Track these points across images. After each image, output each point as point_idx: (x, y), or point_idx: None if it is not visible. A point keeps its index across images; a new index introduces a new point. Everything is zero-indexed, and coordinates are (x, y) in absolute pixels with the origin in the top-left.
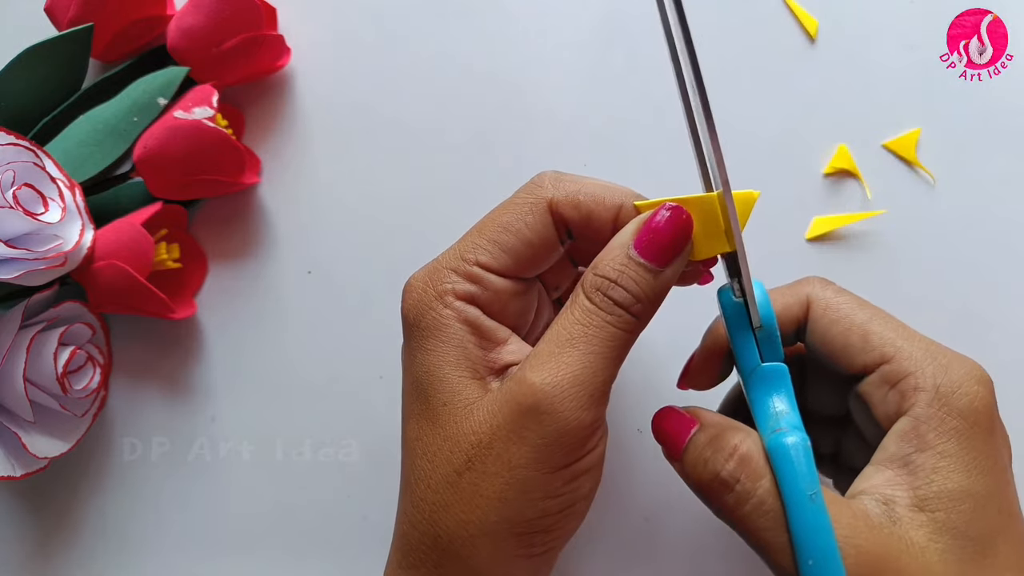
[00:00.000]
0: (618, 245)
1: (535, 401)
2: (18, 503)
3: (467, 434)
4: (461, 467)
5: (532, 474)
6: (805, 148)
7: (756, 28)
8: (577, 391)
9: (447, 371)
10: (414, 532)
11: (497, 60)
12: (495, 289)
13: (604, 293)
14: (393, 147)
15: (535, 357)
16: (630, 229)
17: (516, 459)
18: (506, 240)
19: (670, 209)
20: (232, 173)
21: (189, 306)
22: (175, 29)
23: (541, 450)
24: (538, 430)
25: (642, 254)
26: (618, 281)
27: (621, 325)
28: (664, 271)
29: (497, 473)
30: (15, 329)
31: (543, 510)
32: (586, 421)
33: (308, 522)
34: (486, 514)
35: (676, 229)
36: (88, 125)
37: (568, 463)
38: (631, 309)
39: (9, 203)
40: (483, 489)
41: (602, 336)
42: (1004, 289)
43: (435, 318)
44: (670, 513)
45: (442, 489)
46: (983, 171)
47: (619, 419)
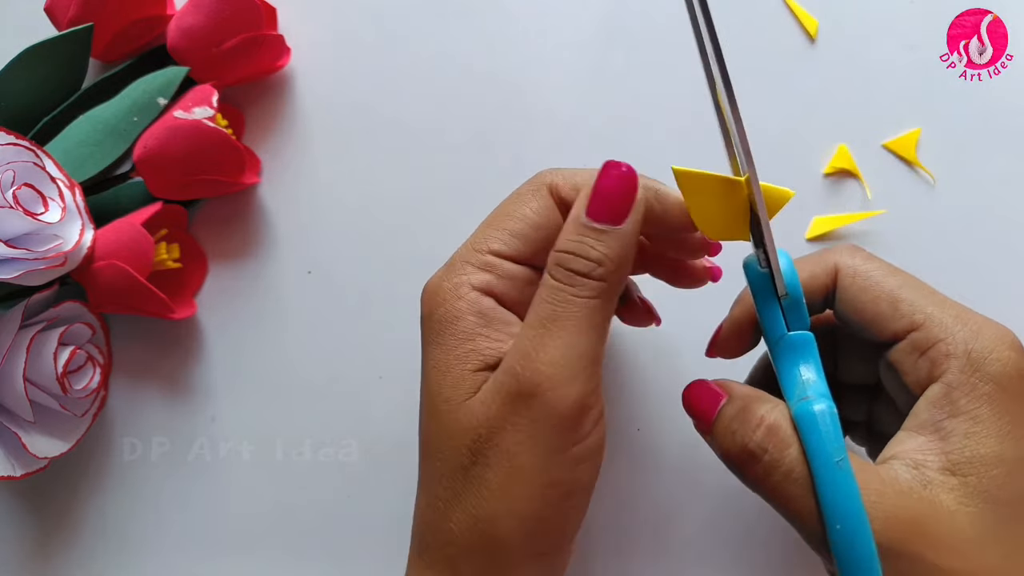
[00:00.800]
0: (571, 219)
1: (519, 386)
2: (18, 503)
3: (467, 429)
4: (466, 462)
5: (531, 461)
6: (805, 148)
7: (756, 28)
8: (559, 369)
9: (453, 365)
10: (428, 531)
11: (497, 60)
12: (510, 276)
13: (565, 267)
14: (393, 147)
15: (516, 344)
16: (580, 201)
17: (513, 447)
18: (514, 226)
19: (605, 165)
20: (232, 173)
21: (189, 306)
22: (175, 29)
23: (535, 435)
24: (529, 414)
25: (595, 219)
26: (576, 252)
27: (588, 294)
28: (621, 228)
29: (498, 464)
30: (15, 329)
31: (545, 499)
32: (573, 396)
33: (308, 522)
34: (493, 506)
35: (620, 184)
36: (88, 125)
37: (564, 446)
38: (594, 274)
39: (9, 203)
40: (488, 482)
41: (574, 310)
42: (1004, 289)
43: (448, 311)
44: (670, 512)
45: (452, 485)
46: (983, 171)
47: (619, 419)
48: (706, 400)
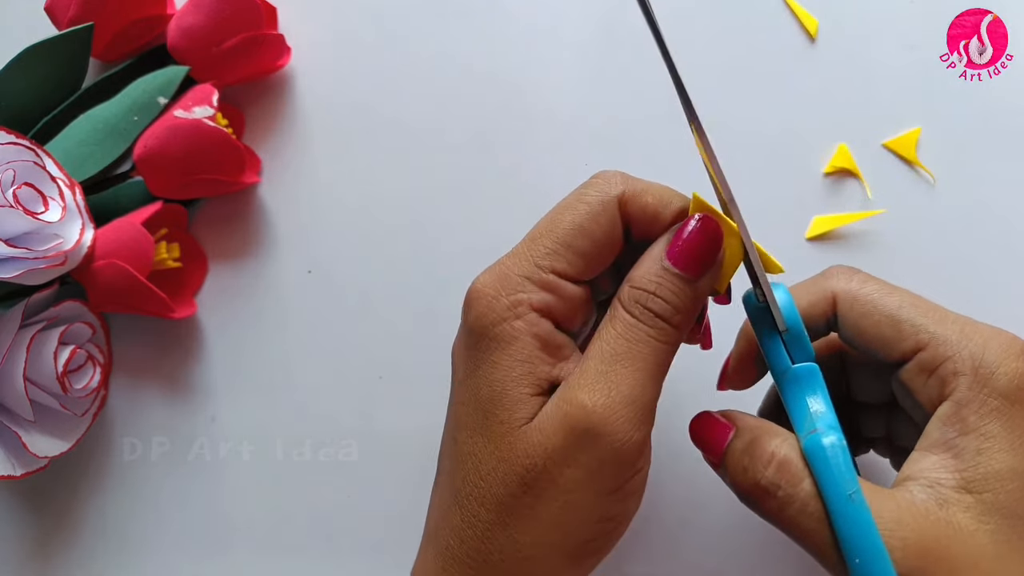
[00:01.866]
0: (652, 257)
1: (589, 424)
2: (18, 503)
3: (522, 456)
4: (517, 490)
5: (587, 498)
6: (805, 148)
7: (756, 28)
8: (629, 411)
9: (510, 387)
10: (462, 547)
11: (497, 60)
12: (569, 297)
13: (644, 305)
14: (393, 147)
15: (583, 375)
16: (662, 241)
17: (571, 483)
18: (580, 243)
19: (700, 219)
20: (232, 173)
21: (189, 306)
22: (175, 28)
23: (595, 474)
24: (592, 453)
25: (675, 264)
26: (656, 292)
27: (663, 338)
28: (698, 281)
29: (553, 498)
30: (15, 328)
31: (596, 532)
32: (638, 440)
33: (308, 522)
34: (542, 537)
35: (706, 237)
36: (88, 124)
37: (620, 485)
38: (672, 320)
39: (9, 202)
40: (539, 512)
41: (647, 351)
42: (1004, 289)
43: (505, 330)
44: (669, 512)
45: (497, 509)
46: (983, 171)
47: None
48: (714, 434)
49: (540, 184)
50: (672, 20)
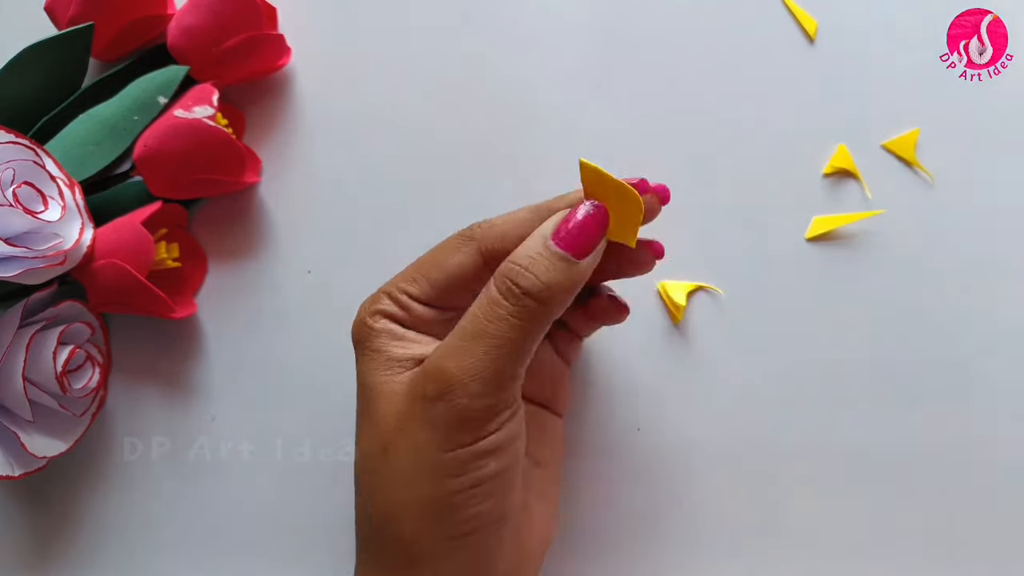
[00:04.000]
0: (537, 234)
1: (436, 390)
2: (17, 503)
3: (385, 422)
4: (380, 452)
5: (435, 453)
6: (805, 148)
7: (755, 29)
8: (475, 383)
9: (373, 370)
10: (361, 524)
11: (498, 60)
12: (418, 315)
13: (513, 280)
14: (393, 147)
15: (442, 348)
16: (551, 222)
17: (420, 440)
18: (435, 275)
19: (593, 206)
20: (232, 172)
21: (189, 306)
22: (175, 28)
23: (440, 430)
24: (437, 413)
25: (559, 244)
26: (529, 268)
27: (525, 316)
28: (579, 263)
29: (406, 455)
30: (14, 328)
31: (448, 488)
32: (482, 407)
33: (308, 522)
34: (400, 494)
35: (595, 224)
36: (88, 124)
37: (470, 442)
38: (540, 296)
39: (9, 201)
40: (397, 470)
41: (504, 328)
42: (1004, 289)
43: (365, 331)
44: (669, 511)
45: (372, 474)
46: (983, 171)
47: (619, 419)
48: None
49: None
50: (672, 20)
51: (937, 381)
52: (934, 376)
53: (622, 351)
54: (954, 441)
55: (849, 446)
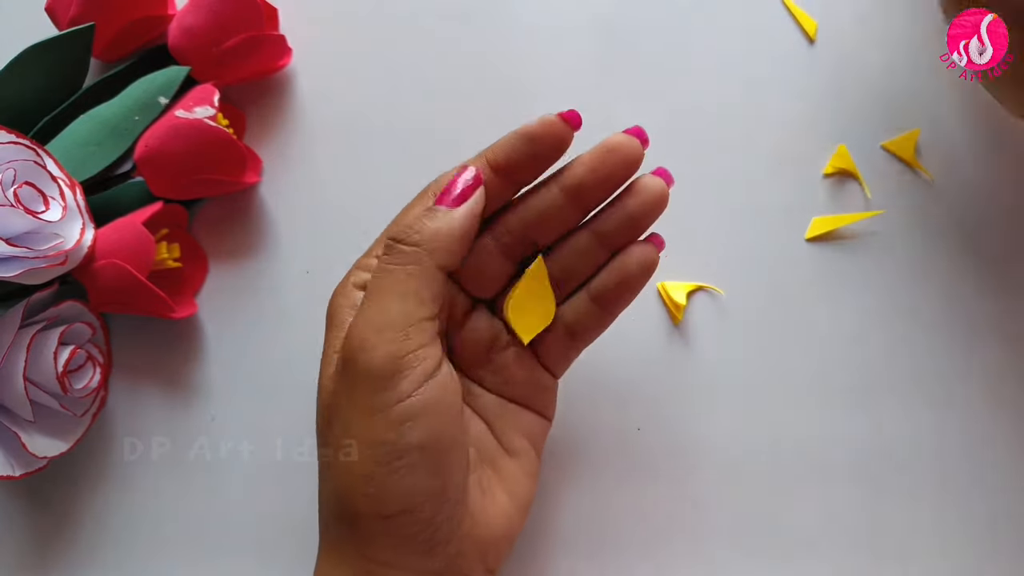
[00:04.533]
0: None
1: (346, 352)
2: (17, 503)
3: (325, 399)
4: (324, 426)
5: (354, 420)
6: (805, 148)
7: (755, 30)
8: (370, 332)
9: (329, 353)
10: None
11: (498, 60)
12: None
13: (391, 238)
14: (393, 147)
15: None
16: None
17: (344, 411)
18: None
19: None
20: (233, 173)
21: (189, 306)
22: (176, 28)
23: (355, 396)
24: (348, 378)
25: (437, 202)
26: (411, 225)
27: (403, 260)
28: (454, 211)
29: (338, 428)
30: (15, 328)
31: (372, 458)
32: (381, 355)
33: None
34: (337, 468)
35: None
36: (89, 124)
37: (384, 406)
38: (407, 240)
39: (10, 201)
40: (331, 442)
41: (387, 279)
42: (1003, 289)
43: (335, 307)
44: (669, 511)
45: (321, 452)
46: (983, 171)
47: (619, 418)
48: None
49: None
50: (671, 21)
51: (937, 381)
52: (934, 376)
53: (622, 351)
54: (955, 440)
55: (849, 446)
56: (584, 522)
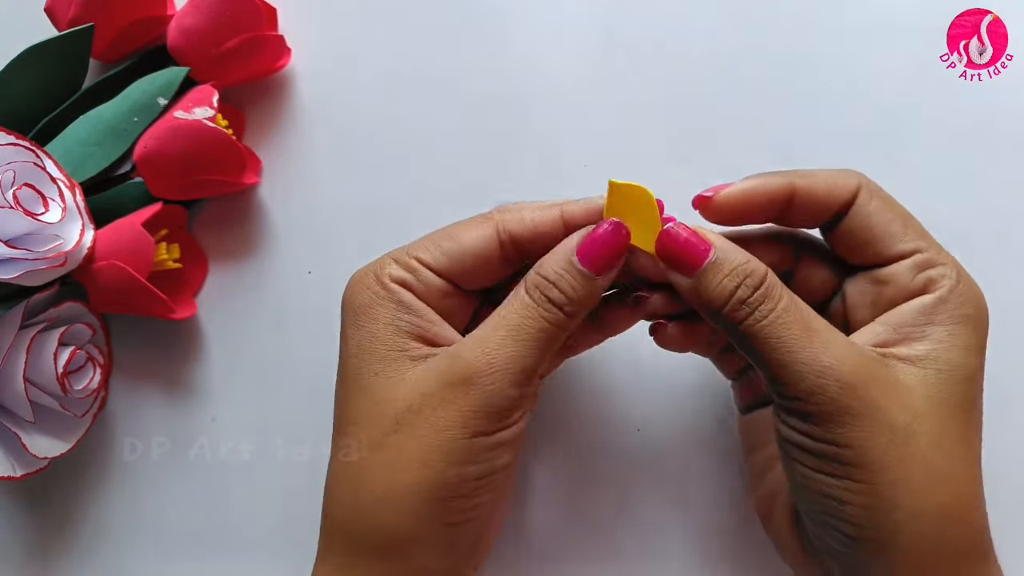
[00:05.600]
0: (562, 250)
1: (467, 374)
2: (18, 503)
3: (397, 399)
4: (389, 430)
5: (456, 437)
6: (805, 148)
7: (756, 29)
8: (506, 370)
9: (378, 345)
10: (334, 508)
11: (498, 61)
12: (427, 282)
13: (542, 292)
14: (393, 147)
15: (473, 337)
16: (576, 237)
17: (443, 422)
18: (448, 245)
19: (611, 224)
20: (233, 173)
21: (189, 306)
22: (175, 29)
23: (467, 416)
24: (466, 399)
25: (582, 262)
26: (557, 284)
27: (553, 320)
28: (598, 279)
29: (423, 435)
30: (15, 329)
31: (462, 475)
32: (510, 396)
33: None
34: (405, 475)
35: (616, 242)
36: (88, 125)
37: (491, 431)
38: (564, 309)
39: (9, 203)
40: (406, 450)
41: (535, 327)
42: (1003, 289)
43: (370, 296)
44: (670, 511)
45: (366, 452)
46: (983, 171)
47: (619, 419)
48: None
49: (540, 185)
50: (671, 21)
51: None
52: None
53: (622, 351)
54: None
55: None
56: (584, 522)
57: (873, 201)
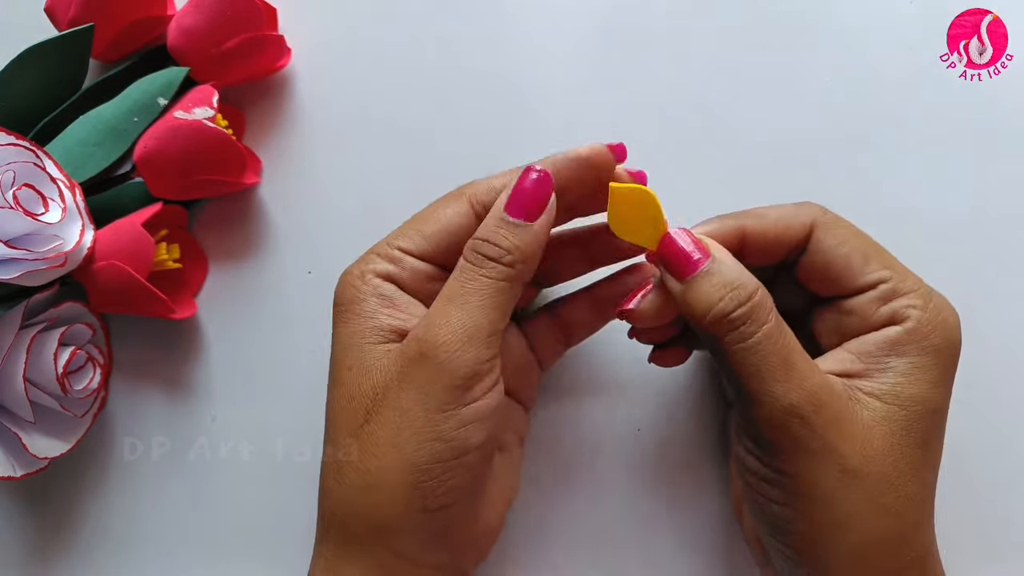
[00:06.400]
0: (492, 213)
1: (419, 349)
2: (18, 503)
3: (367, 390)
4: (361, 419)
5: (420, 415)
6: (805, 149)
7: (756, 28)
8: (457, 336)
9: (356, 340)
10: (324, 503)
11: (497, 61)
12: (412, 269)
13: (477, 251)
14: (393, 147)
15: (423, 317)
16: (501, 198)
17: (405, 403)
18: (427, 228)
19: (536, 172)
20: (232, 173)
21: (189, 306)
22: (175, 29)
23: (426, 391)
24: (424, 373)
25: (512, 214)
26: (490, 239)
27: (495, 275)
28: (532, 224)
29: (391, 419)
30: (15, 329)
31: (433, 454)
32: (467, 361)
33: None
34: (379, 460)
35: (536, 186)
36: (88, 125)
37: (454, 405)
38: (503, 260)
39: (9, 203)
40: (379, 436)
41: (475, 287)
42: (1003, 289)
43: (353, 293)
44: (668, 511)
45: (346, 444)
46: (983, 171)
47: (619, 419)
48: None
49: None
50: (671, 21)
51: None
52: None
53: (623, 351)
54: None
55: None
56: (584, 522)
57: (829, 236)
